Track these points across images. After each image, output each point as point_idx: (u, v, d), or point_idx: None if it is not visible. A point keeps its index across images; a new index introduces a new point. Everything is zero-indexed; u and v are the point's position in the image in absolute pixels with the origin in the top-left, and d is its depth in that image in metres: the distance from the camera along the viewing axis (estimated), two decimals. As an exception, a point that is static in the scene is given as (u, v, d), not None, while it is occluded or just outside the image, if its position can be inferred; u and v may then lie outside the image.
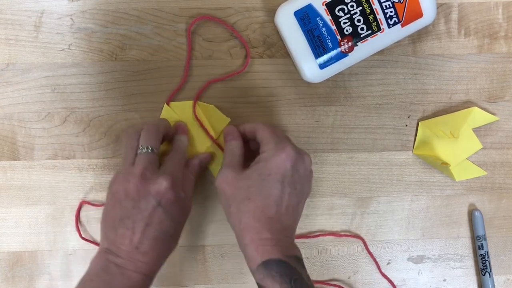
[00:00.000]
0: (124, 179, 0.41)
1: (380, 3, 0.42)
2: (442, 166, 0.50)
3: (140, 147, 0.42)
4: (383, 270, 0.52)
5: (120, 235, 0.41)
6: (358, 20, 0.43)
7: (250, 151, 0.47)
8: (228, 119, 0.48)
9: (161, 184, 0.41)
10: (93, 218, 0.50)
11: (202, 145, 0.48)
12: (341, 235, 0.51)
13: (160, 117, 0.48)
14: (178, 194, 0.42)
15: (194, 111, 0.48)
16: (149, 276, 0.42)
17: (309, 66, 0.44)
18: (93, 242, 0.50)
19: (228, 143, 0.45)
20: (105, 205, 0.43)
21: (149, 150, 0.42)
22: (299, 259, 0.40)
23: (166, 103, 0.48)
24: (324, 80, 0.49)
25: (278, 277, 0.37)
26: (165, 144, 0.47)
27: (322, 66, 0.44)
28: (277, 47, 0.49)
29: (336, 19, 0.43)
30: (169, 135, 0.46)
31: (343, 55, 0.44)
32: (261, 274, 0.38)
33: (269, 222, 0.40)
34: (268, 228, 0.39)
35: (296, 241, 0.50)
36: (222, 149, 0.49)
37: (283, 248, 0.39)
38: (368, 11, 0.43)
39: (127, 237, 0.40)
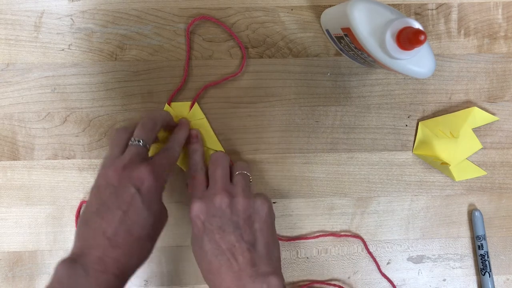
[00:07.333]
0: (107, 170, 0.40)
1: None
2: (442, 166, 0.50)
3: (133, 139, 0.41)
4: (383, 270, 0.52)
5: (94, 228, 0.38)
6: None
7: None
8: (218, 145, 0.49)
9: (141, 171, 0.39)
10: (93, 218, 0.50)
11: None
12: (341, 235, 0.51)
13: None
14: (160, 184, 0.40)
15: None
16: (119, 278, 0.38)
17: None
18: (93, 242, 0.50)
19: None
20: (85, 205, 0.41)
21: (140, 143, 0.41)
22: None
23: (167, 103, 0.48)
24: (324, 80, 0.49)
25: None
26: (163, 132, 0.48)
27: None
28: (277, 47, 0.49)
29: None
30: (170, 126, 0.46)
31: None
32: None
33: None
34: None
35: (296, 241, 0.51)
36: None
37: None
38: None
39: (101, 229, 0.38)
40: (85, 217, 0.40)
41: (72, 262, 0.37)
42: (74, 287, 0.36)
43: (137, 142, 0.41)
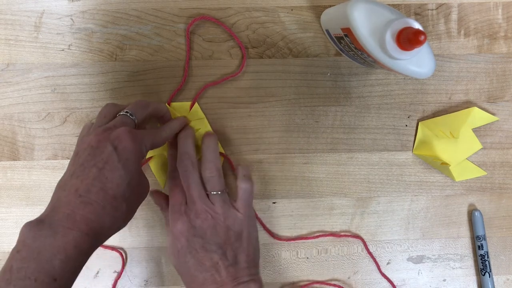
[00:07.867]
0: (89, 135, 0.39)
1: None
2: (442, 166, 0.50)
3: (121, 111, 0.41)
4: (383, 270, 0.52)
5: (69, 189, 0.36)
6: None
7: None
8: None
9: (120, 130, 0.38)
10: (93, 218, 0.50)
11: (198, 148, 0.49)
12: (341, 235, 0.51)
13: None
14: (138, 146, 0.39)
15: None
16: (90, 237, 0.36)
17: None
18: (93, 242, 0.49)
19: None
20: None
21: (128, 114, 0.40)
22: None
23: (167, 103, 0.48)
24: (324, 80, 0.50)
25: None
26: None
27: None
28: (277, 47, 0.49)
29: None
30: (167, 119, 0.46)
31: None
32: None
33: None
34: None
35: (297, 241, 0.51)
36: (221, 154, 0.49)
37: None
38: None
39: (74, 187, 0.36)
40: (60, 183, 0.38)
41: (38, 222, 0.35)
42: (41, 248, 0.34)
43: (125, 113, 0.41)
